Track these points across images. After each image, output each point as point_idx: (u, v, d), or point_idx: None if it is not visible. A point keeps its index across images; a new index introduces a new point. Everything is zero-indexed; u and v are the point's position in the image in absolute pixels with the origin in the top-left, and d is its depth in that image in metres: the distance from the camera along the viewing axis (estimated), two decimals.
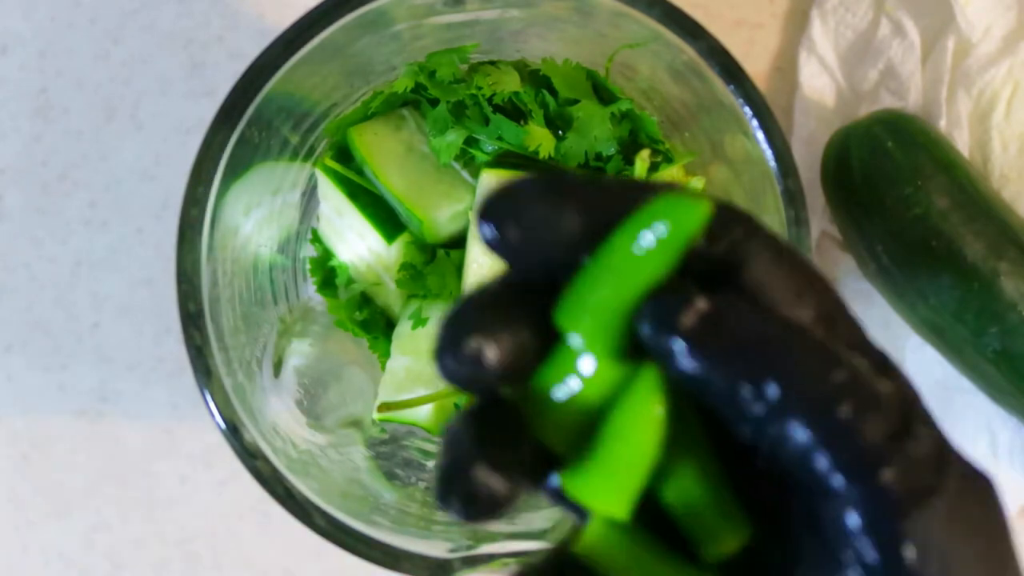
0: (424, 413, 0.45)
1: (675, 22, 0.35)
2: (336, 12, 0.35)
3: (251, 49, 0.35)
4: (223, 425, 0.35)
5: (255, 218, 0.41)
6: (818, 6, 0.50)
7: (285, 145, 0.42)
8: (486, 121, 0.43)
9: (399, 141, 0.44)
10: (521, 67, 0.44)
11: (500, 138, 0.43)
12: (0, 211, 0.51)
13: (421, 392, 0.45)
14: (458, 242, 0.45)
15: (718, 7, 0.52)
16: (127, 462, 0.51)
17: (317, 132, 0.44)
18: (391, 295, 0.46)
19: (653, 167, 0.41)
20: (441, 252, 0.45)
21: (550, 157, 0.43)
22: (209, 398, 0.35)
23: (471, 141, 0.43)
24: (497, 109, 0.43)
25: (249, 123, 0.35)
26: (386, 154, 0.44)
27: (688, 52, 0.35)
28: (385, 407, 0.44)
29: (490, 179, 0.43)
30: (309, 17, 0.35)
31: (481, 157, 0.43)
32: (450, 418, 0.22)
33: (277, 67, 0.35)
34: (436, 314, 0.46)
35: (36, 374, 0.51)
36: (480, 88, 0.42)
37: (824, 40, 0.50)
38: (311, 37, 0.35)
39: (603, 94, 0.44)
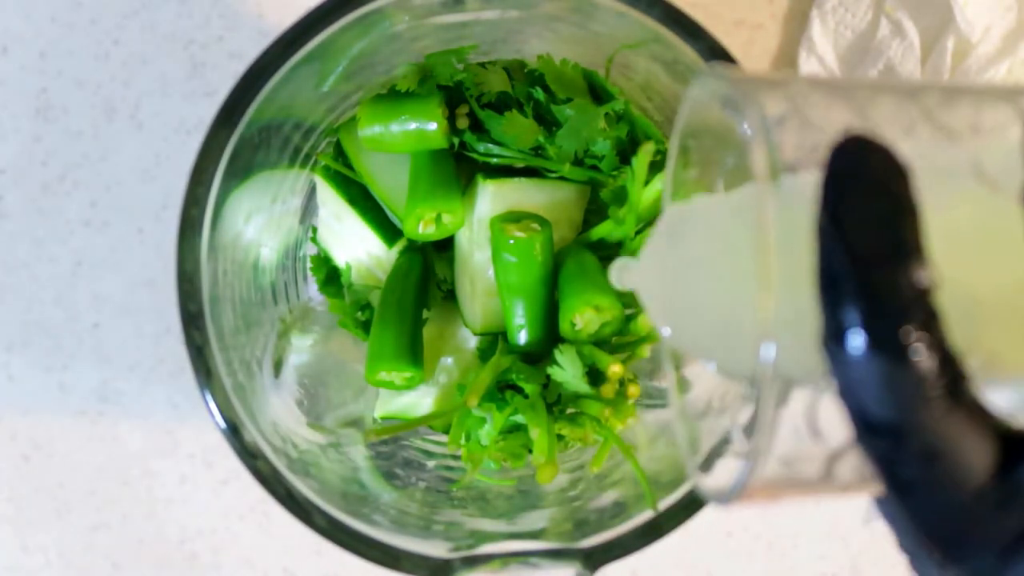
0: (425, 407, 0.45)
1: (675, 22, 0.35)
2: (336, 12, 0.35)
3: (251, 49, 0.35)
4: (223, 425, 0.35)
5: (255, 224, 0.41)
6: (818, 7, 0.50)
7: (285, 145, 0.42)
8: (475, 120, 0.43)
9: None
10: (518, 67, 0.44)
11: (487, 132, 0.43)
12: (0, 211, 0.51)
13: (422, 391, 0.45)
14: (448, 240, 0.45)
15: (718, 7, 0.52)
16: (127, 462, 0.51)
17: (317, 133, 0.44)
18: None
19: (653, 164, 0.41)
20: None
21: (538, 152, 0.43)
22: (209, 398, 0.35)
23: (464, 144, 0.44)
24: (489, 108, 0.43)
25: (249, 123, 0.35)
26: (371, 152, 0.44)
27: (688, 52, 0.36)
28: (382, 428, 0.44)
29: (488, 189, 0.43)
30: (309, 17, 0.35)
31: (477, 158, 0.44)
32: None
33: (277, 67, 0.35)
34: (433, 317, 0.46)
35: (36, 374, 0.51)
36: (468, 88, 0.42)
37: (824, 40, 0.50)
38: (311, 37, 0.35)
39: (600, 94, 0.44)
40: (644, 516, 0.36)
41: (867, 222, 0.20)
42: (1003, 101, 0.24)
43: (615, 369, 0.42)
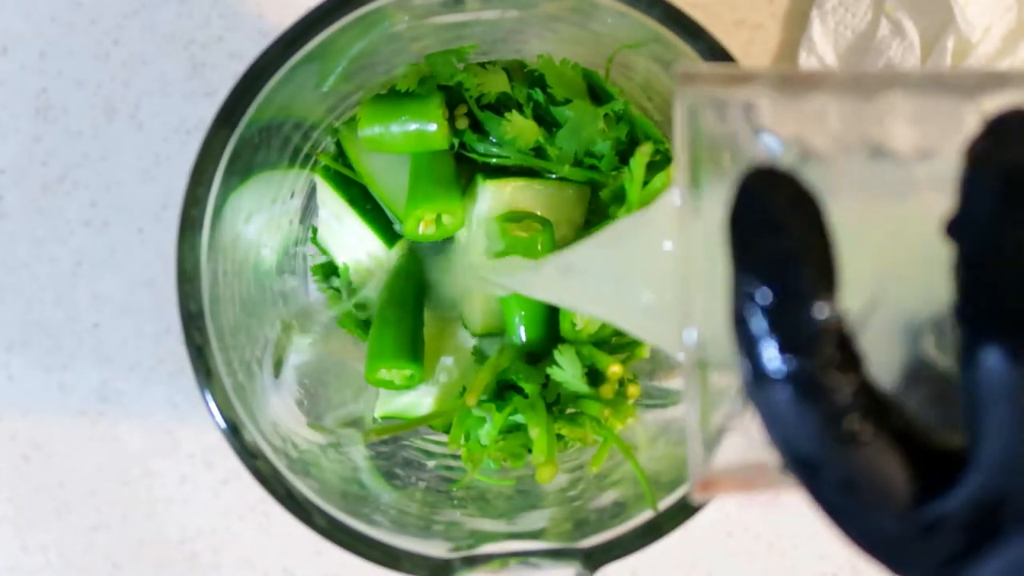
0: (425, 407, 0.45)
1: (675, 22, 0.35)
2: (336, 12, 0.35)
3: (251, 49, 0.35)
4: (223, 425, 0.35)
5: (256, 224, 0.41)
6: (818, 6, 0.50)
7: (285, 145, 0.42)
8: (475, 121, 0.43)
9: None
10: (518, 67, 0.44)
11: (487, 133, 0.43)
12: (0, 211, 0.51)
13: (422, 391, 0.45)
14: (446, 242, 0.45)
15: (718, 7, 0.52)
16: (127, 462, 0.51)
17: (317, 133, 0.44)
18: None
19: (652, 165, 0.41)
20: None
21: (538, 153, 0.43)
22: (209, 398, 0.35)
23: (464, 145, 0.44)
24: (488, 109, 0.43)
25: (249, 123, 0.35)
26: (371, 153, 0.44)
27: (688, 52, 0.36)
28: (382, 428, 0.44)
29: (488, 189, 0.43)
30: (309, 17, 0.35)
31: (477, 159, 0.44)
32: None
33: (277, 67, 0.35)
34: (433, 317, 0.46)
35: (36, 374, 0.51)
36: (468, 89, 0.42)
37: (824, 40, 0.50)
38: (311, 37, 0.35)
39: (600, 94, 0.44)
40: (644, 516, 0.36)
41: (769, 262, 0.20)
42: (964, 99, 0.24)
43: (614, 369, 0.42)
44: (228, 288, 0.38)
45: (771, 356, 0.20)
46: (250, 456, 0.36)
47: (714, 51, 0.35)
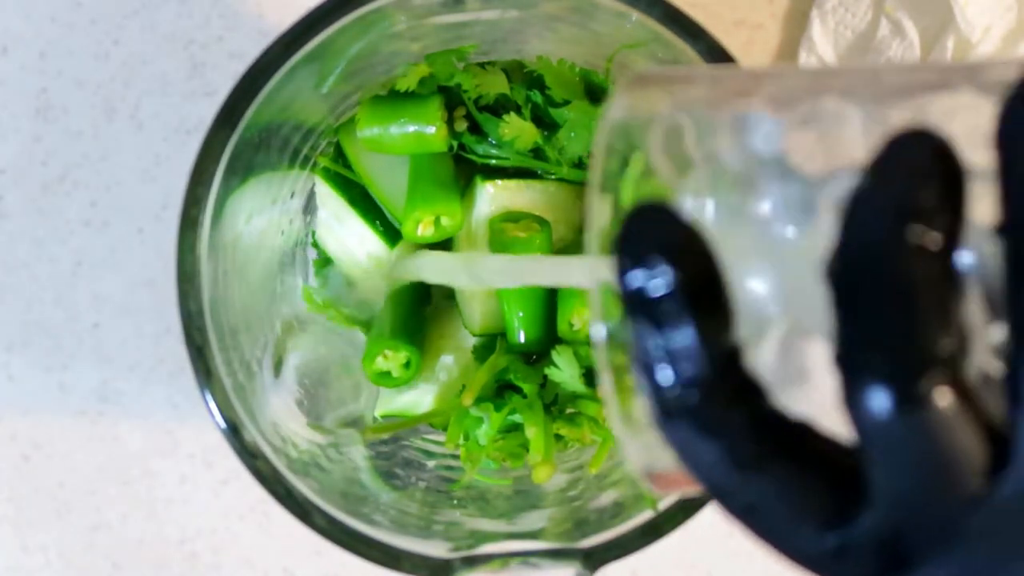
0: (425, 406, 0.45)
1: (675, 22, 0.35)
2: (336, 13, 0.35)
3: (251, 49, 0.35)
4: (223, 425, 0.35)
5: (256, 224, 0.41)
6: (818, 7, 0.50)
7: (285, 146, 0.42)
8: (473, 123, 0.43)
9: None
10: (517, 68, 0.44)
11: (485, 135, 0.43)
12: (0, 211, 0.51)
13: (422, 390, 0.45)
14: (445, 243, 0.45)
15: (718, 7, 0.52)
16: (127, 462, 0.51)
17: (317, 134, 0.44)
18: None
19: None
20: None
21: (537, 154, 0.43)
22: (209, 398, 0.35)
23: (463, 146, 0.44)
24: (487, 110, 0.43)
25: (249, 124, 0.35)
26: (371, 154, 0.45)
27: (688, 52, 0.36)
28: (382, 426, 0.44)
29: (487, 190, 0.43)
30: (309, 17, 0.35)
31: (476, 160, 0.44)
32: None
33: (277, 67, 0.35)
34: (433, 317, 0.46)
35: (36, 374, 0.51)
36: (466, 91, 0.42)
37: (824, 41, 0.50)
38: (311, 37, 0.35)
39: (599, 95, 0.44)
40: (644, 516, 0.36)
41: (650, 301, 0.20)
42: (909, 101, 0.22)
43: None
44: (228, 288, 0.38)
45: (666, 392, 0.20)
46: (250, 456, 0.36)
47: (714, 51, 0.35)
